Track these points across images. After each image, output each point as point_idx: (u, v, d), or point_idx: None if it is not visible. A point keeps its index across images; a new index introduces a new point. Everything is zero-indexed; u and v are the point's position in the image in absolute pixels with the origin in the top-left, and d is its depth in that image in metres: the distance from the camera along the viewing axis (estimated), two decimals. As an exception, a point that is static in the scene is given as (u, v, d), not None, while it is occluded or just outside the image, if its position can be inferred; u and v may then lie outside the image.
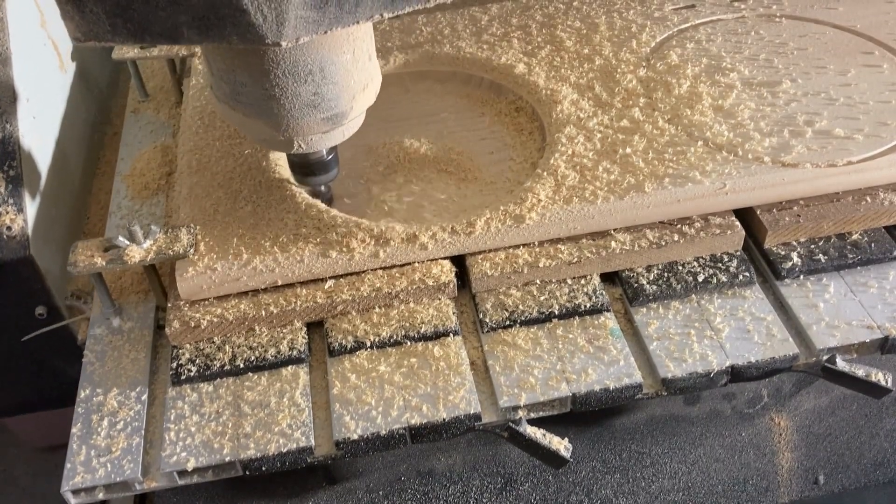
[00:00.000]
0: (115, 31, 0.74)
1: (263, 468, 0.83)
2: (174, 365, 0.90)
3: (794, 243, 0.98)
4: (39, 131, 1.06)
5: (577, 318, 0.92)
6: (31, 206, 0.98)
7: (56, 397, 1.10)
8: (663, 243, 0.94)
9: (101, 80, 1.39)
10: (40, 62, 1.12)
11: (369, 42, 0.88)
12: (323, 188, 1.01)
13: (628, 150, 1.00)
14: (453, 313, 0.92)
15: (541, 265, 0.93)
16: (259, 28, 0.72)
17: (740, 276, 0.94)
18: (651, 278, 0.95)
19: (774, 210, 0.98)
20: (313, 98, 0.85)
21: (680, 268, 0.96)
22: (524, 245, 0.95)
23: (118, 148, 1.21)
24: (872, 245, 0.97)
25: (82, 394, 0.89)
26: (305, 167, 0.98)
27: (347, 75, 0.86)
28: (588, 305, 0.92)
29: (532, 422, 0.86)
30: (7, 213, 0.94)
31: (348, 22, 0.75)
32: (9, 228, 0.93)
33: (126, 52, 1.22)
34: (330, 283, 0.92)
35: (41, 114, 1.07)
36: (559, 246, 0.95)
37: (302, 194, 0.99)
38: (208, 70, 0.88)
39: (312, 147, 0.91)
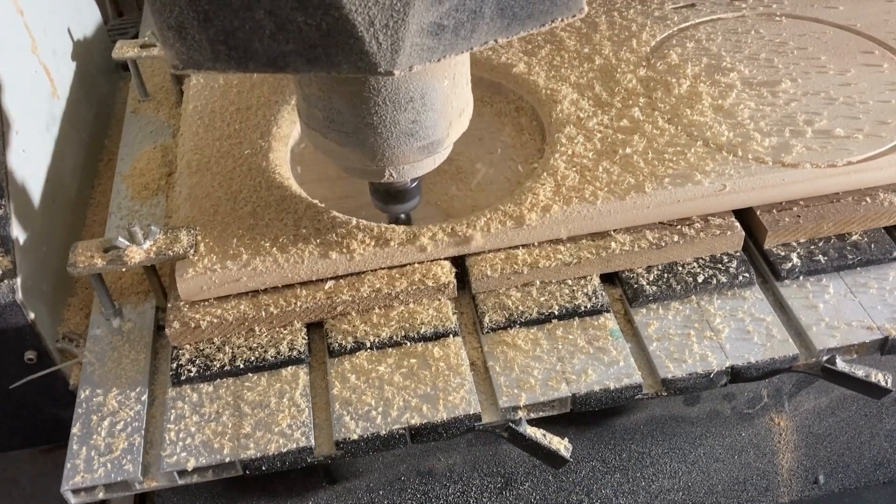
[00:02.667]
0: (216, 59, 0.71)
1: (263, 468, 0.83)
2: (174, 365, 0.90)
3: (794, 244, 0.98)
4: (30, 166, 1.02)
5: (576, 318, 0.92)
6: (20, 246, 0.95)
7: (49, 437, 1.08)
8: (663, 244, 0.94)
9: (103, 83, 1.38)
10: (31, 91, 1.08)
11: (468, 66, 0.85)
12: (402, 215, 0.98)
13: (628, 151, 1.00)
14: (453, 314, 0.92)
15: (540, 266, 0.93)
16: (372, 56, 0.68)
17: (740, 277, 0.94)
18: (651, 279, 0.94)
19: (774, 210, 0.98)
20: (411, 126, 0.82)
21: (680, 268, 0.96)
22: (524, 246, 0.95)
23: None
24: (872, 246, 0.97)
25: (82, 394, 0.89)
26: (389, 195, 0.95)
27: (446, 101, 0.83)
28: (588, 306, 0.92)
29: (532, 422, 0.87)
30: None
31: (462, 49, 0.72)
32: None
33: (126, 50, 1.22)
34: (330, 283, 0.92)
35: (31, 147, 1.04)
36: (559, 246, 0.95)
37: (302, 195, 0.99)
38: (299, 96, 0.85)
39: (403, 176, 0.88)
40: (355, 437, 0.83)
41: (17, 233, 0.95)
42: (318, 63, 0.70)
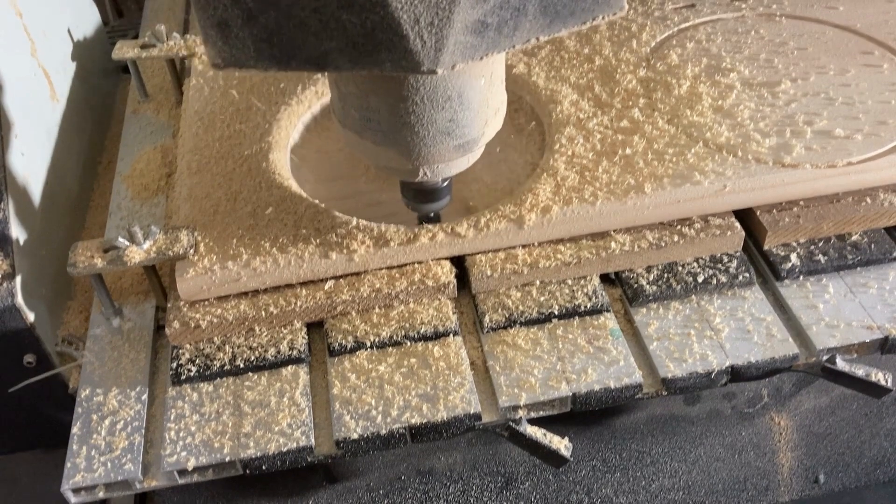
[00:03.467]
0: (258, 58, 0.71)
1: (264, 467, 0.83)
2: (174, 365, 0.90)
3: (794, 244, 0.98)
4: (29, 168, 1.01)
5: (577, 318, 0.92)
6: (19, 249, 0.94)
7: (49, 441, 1.07)
8: (663, 244, 0.94)
9: (103, 84, 1.38)
10: (30, 94, 1.08)
11: (503, 64, 0.85)
12: (432, 214, 0.98)
13: (628, 151, 1.00)
14: (453, 314, 0.92)
15: (540, 266, 0.93)
16: (416, 55, 0.68)
17: (740, 277, 0.94)
18: (651, 279, 0.95)
19: (774, 211, 0.98)
20: (448, 125, 0.81)
21: (680, 268, 0.96)
22: (524, 246, 0.95)
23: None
24: (872, 246, 0.97)
25: (82, 394, 0.89)
26: (421, 194, 0.94)
27: (483, 100, 0.82)
28: (588, 306, 0.92)
29: (532, 421, 0.87)
30: None
31: (505, 47, 0.72)
32: None
33: (126, 51, 1.22)
34: (330, 283, 0.92)
35: (31, 150, 1.03)
36: (559, 246, 0.95)
37: (302, 195, 0.99)
38: (335, 96, 0.84)
39: (437, 175, 0.87)
40: (355, 436, 0.83)
41: (17, 235, 0.95)
42: (360, 61, 0.70)
